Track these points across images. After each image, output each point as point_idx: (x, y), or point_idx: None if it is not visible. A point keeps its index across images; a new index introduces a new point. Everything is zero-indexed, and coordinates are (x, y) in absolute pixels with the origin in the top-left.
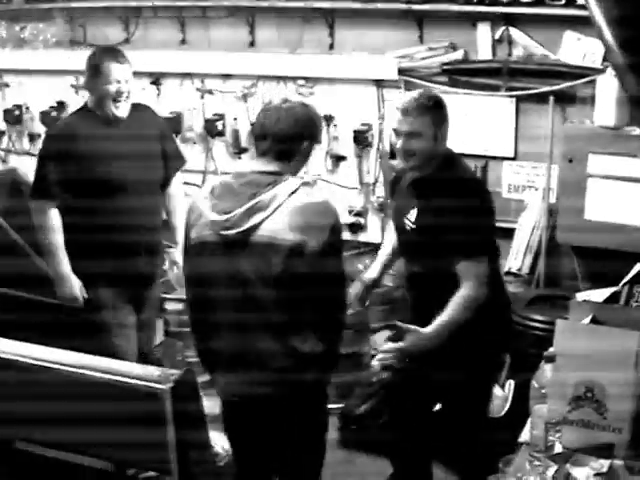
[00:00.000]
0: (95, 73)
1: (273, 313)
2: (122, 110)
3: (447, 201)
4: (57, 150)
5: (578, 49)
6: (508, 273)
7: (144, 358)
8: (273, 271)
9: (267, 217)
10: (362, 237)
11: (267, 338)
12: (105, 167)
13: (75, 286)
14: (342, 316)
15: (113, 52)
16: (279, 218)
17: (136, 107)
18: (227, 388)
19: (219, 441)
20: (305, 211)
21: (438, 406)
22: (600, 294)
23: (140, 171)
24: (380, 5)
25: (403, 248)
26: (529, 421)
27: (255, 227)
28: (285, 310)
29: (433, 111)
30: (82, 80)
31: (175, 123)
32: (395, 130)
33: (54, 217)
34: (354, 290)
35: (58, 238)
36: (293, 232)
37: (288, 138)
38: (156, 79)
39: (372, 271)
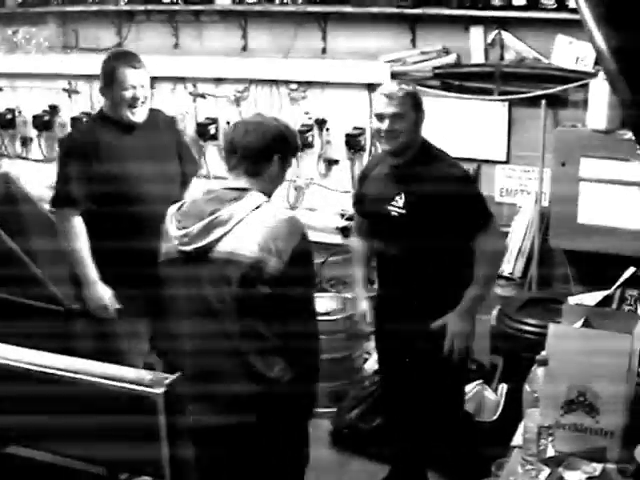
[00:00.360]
0: (110, 79)
1: (235, 334)
2: (139, 116)
3: (441, 181)
4: (76, 157)
5: (570, 53)
6: (500, 277)
7: None
8: (231, 289)
9: (226, 233)
10: None
11: (229, 361)
12: (124, 173)
13: (105, 295)
14: (311, 341)
15: (128, 57)
16: (239, 234)
17: (151, 112)
18: (192, 412)
19: None
20: (266, 229)
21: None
22: (592, 298)
23: (159, 176)
24: (373, 9)
25: (386, 236)
26: (522, 425)
27: (214, 243)
28: (247, 331)
29: (414, 97)
30: (75, 84)
31: None
32: (380, 114)
33: (78, 224)
34: (364, 315)
35: (84, 246)
36: (252, 250)
37: (255, 153)
38: None
39: (363, 297)
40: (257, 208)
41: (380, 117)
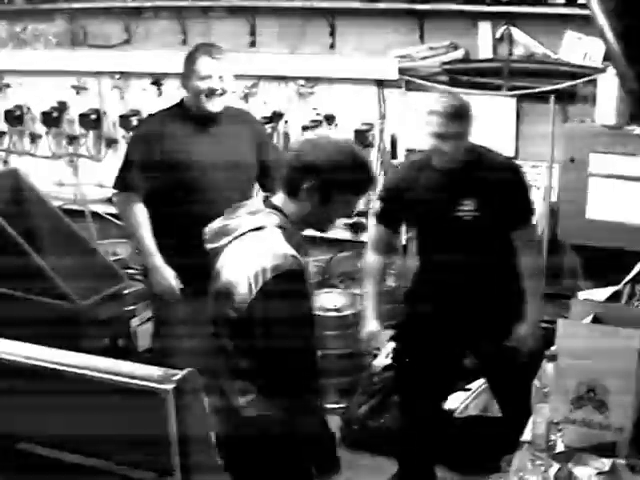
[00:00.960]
0: (189, 69)
1: (210, 352)
2: (215, 106)
3: (507, 180)
4: (141, 143)
5: (579, 48)
6: None
7: None
8: (208, 305)
9: (228, 244)
10: (364, 237)
11: (209, 374)
12: (192, 166)
13: (170, 277)
14: (292, 382)
15: (208, 48)
16: (231, 251)
17: (237, 111)
18: None
19: None
20: (250, 254)
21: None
22: (602, 293)
23: (229, 174)
24: (381, 5)
25: (452, 241)
26: (531, 420)
27: (220, 250)
28: (218, 353)
29: (470, 111)
30: (84, 80)
31: None
32: (441, 134)
33: (139, 210)
34: (373, 335)
35: (145, 231)
36: (230, 271)
37: (288, 168)
38: (157, 79)
39: (373, 316)
40: (258, 229)
41: (441, 136)
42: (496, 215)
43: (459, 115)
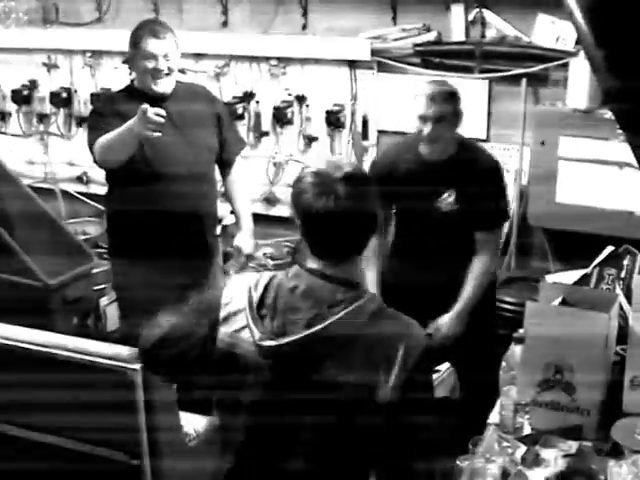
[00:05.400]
0: (134, 48)
1: None
2: (162, 86)
3: (487, 173)
4: (103, 118)
5: (551, 32)
6: None
7: None
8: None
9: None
10: None
11: None
12: (146, 145)
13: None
14: None
15: (153, 26)
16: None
17: (189, 87)
18: None
19: (190, 422)
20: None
21: None
22: (570, 276)
23: (185, 153)
24: None
25: (427, 232)
26: (498, 402)
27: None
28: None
29: (456, 97)
30: (55, 58)
31: None
32: (423, 116)
33: None
34: None
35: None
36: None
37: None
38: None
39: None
40: None
41: (424, 119)
42: (473, 210)
43: (443, 99)
